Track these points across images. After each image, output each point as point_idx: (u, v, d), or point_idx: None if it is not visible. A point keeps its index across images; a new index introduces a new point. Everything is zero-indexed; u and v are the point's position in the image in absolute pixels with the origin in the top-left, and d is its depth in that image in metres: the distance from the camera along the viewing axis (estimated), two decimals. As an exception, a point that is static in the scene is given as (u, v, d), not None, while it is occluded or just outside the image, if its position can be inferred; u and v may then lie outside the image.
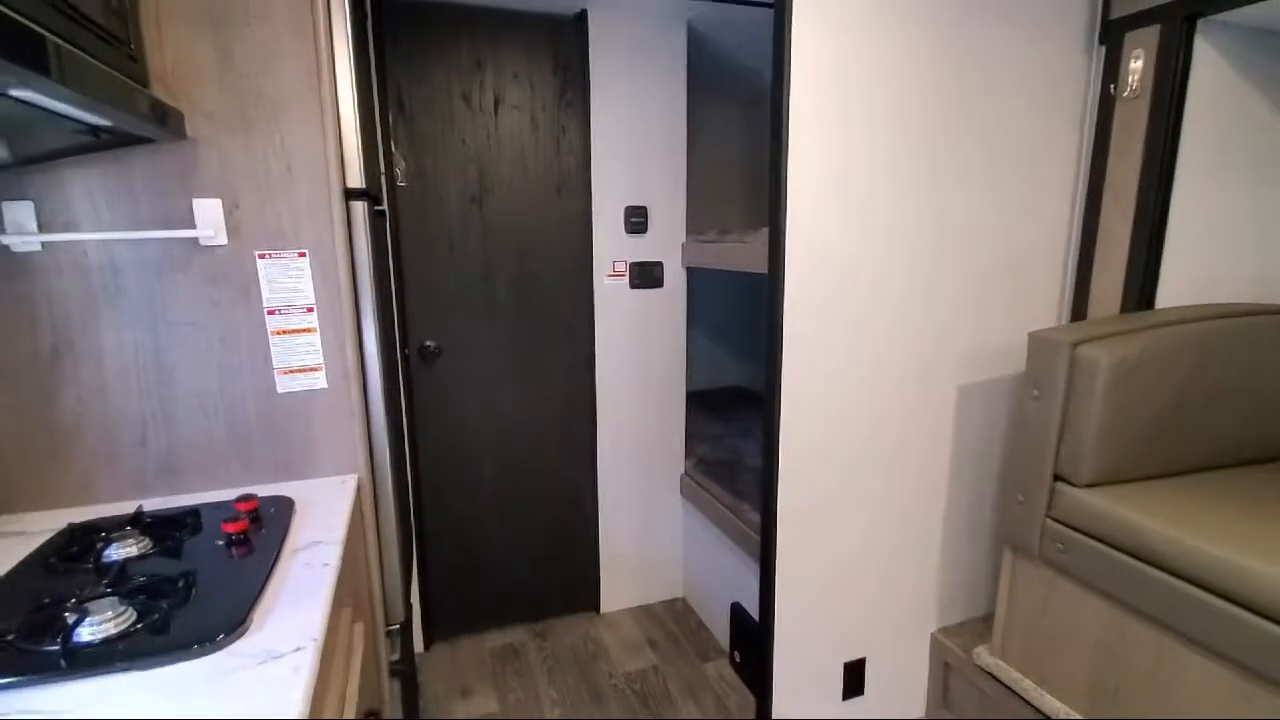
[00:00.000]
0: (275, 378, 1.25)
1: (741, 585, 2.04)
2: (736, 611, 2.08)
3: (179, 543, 1.01)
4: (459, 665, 2.15)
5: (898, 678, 1.82)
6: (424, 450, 2.14)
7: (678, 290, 2.31)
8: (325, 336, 1.27)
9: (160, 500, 1.19)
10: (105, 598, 0.82)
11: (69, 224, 1.10)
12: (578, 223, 2.17)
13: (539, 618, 2.39)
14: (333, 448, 1.31)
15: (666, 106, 2.18)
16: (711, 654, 2.19)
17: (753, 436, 2.49)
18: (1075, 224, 1.70)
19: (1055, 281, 1.74)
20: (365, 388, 1.33)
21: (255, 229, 1.19)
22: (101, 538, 1.00)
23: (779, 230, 1.47)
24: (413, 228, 2.01)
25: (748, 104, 2.88)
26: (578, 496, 2.35)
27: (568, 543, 2.37)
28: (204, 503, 1.15)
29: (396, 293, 1.99)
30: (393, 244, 1.96)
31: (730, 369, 3.36)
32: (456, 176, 2.03)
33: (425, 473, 2.15)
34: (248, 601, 0.84)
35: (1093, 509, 1.36)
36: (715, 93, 2.81)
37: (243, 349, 1.22)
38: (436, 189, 2.02)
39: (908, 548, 1.75)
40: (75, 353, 1.14)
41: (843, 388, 1.58)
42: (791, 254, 1.48)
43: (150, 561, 0.96)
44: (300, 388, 1.27)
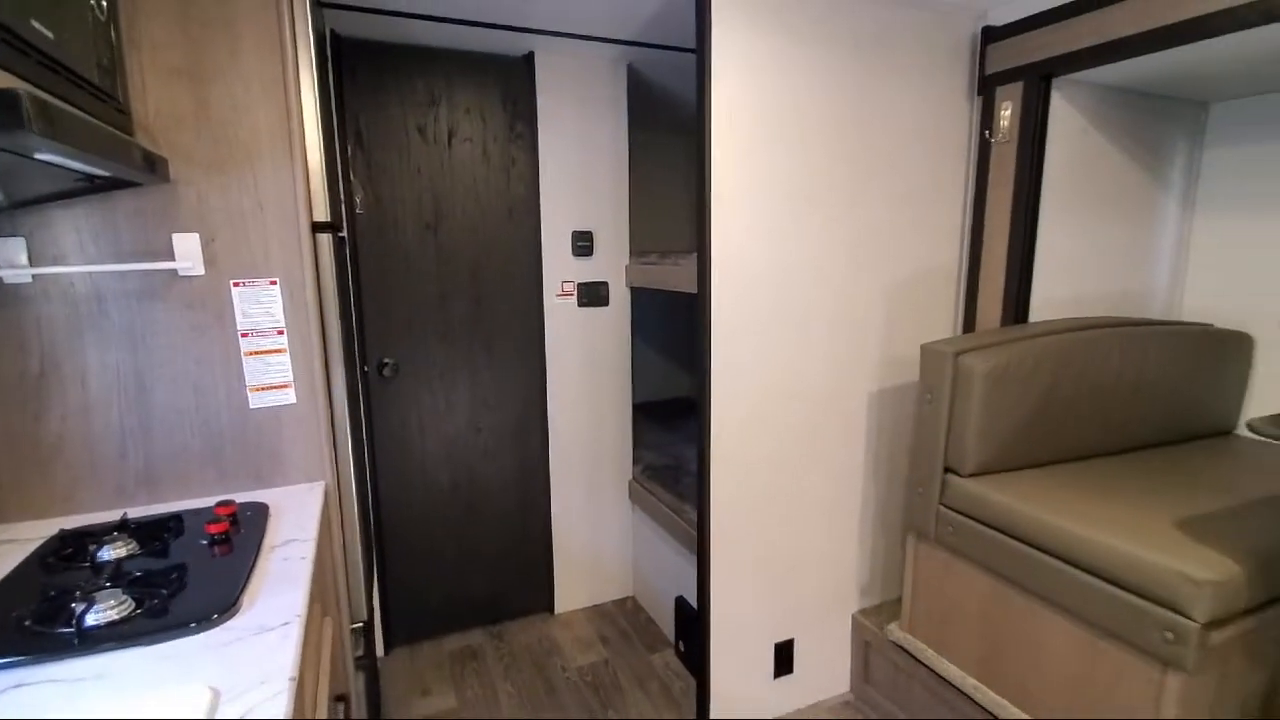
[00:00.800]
0: (248, 394, 1.37)
1: (685, 580, 2.21)
2: (680, 604, 2.25)
3: (165, 544, 1.13)
4: (418, 667, 2.25)
5: (823, 656, 2.02)
6: (382, 463, 2.25)
7: (622, 308, 2.49)
8: (294, 356, 1.40)
9: (141, 508, 1.29)
10: (106, 589, 0.94)
11: (57, 257, 1.21)
12: (528, 246, 2.33)
13: (495, 620, 2.51)
14: (302, 457, 1.43)
15: (609, 138, 2.37)
16: (659, 646, 2.35)
17: (695, 443, 2.67)
18: (964, 249, 1.95)
19: (950, 299, 1.99)
20: (331, 402, 1.46)
21: (230, 260, 1.32)
22: (93, 541, 1.10)
23: (705, 255, 1.66)
24: (371, 252, 2.14)
25: (689, 133, 3.10)
26: (531, 504, 2.49)
27: (522, 548, 2.50)
28: (184, 509, 1.26)
29: (355, 313, 2.11)
30: (352, 268, 2.09)
31: (677, 381, 3.57)
32: (412, 204, 2.17)
33: (383, 484, 2.26)
34: (236, 588, 0.97)
35: (974, 495, 1.58)
36: (658, 123, 3.02)
37: (217, 369, 1.34)
38: (393, 216, 2.16)
39: (829, 539, 1.95)
40: (61, 374, 1.24)
41: (767, 397, 1.78)
42: (718, 276, 1.67)
43: (141, 560, 1.07)
44: (271, 403, 1.39)
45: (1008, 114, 1.77)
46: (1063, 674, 1.42)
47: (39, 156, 0.83)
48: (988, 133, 1.83)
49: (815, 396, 1.85)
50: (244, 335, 1.35)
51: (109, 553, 1.08)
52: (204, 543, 1.12)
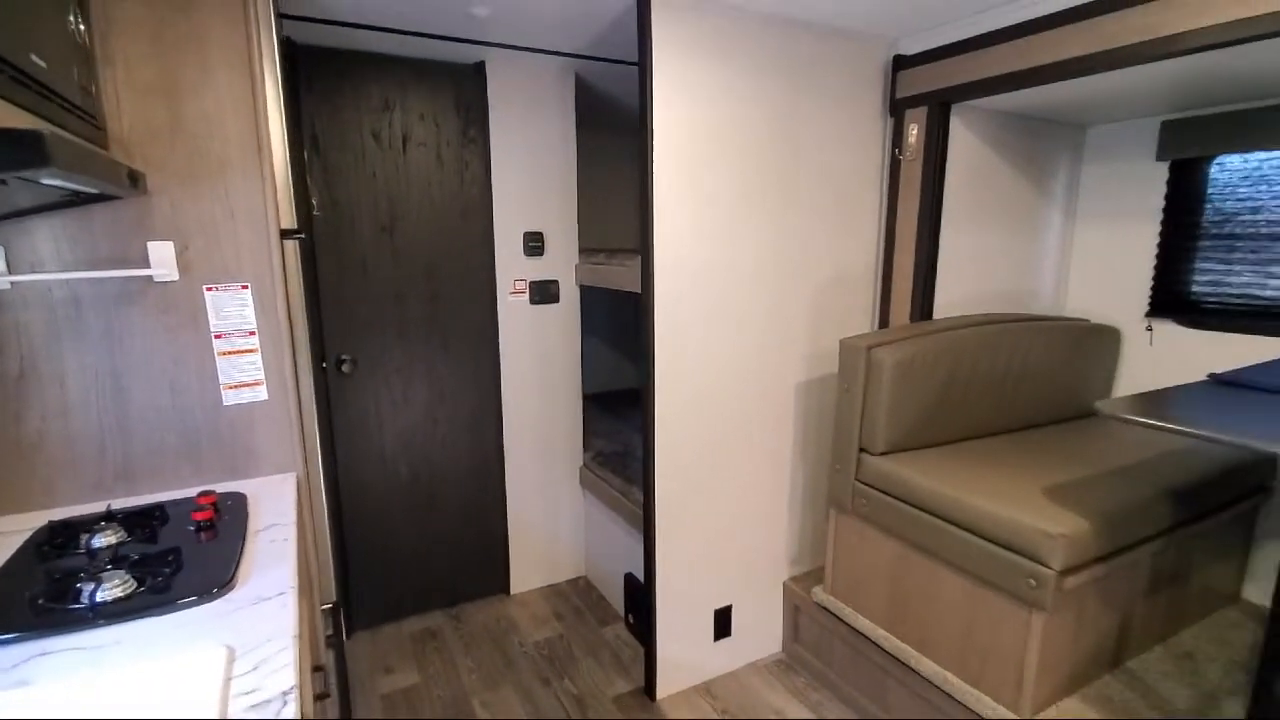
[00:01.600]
0: (222, 392, 1.46)
1: (633, 558, 2.39)
2: (629, 580, 2.42)
3: (154, 531, 1.22)
4: (381, 649, 2.36)
5: (758, 620, 2.23)
6: (342, 455, 2.33)
7: (572, 305, 2.63)
8: (265, 355, 1.49)
9: (120, 501, 1.37)
10: (109, 570, 1.04)
11: (35, 265, 1.27)
12: (481, 247, 2.44)
13: (454, 603, 2.63)
14: (273, 451, 1.53)
15: (559, 144, 2.50)
16: (610, 620, 2.53)
17: (641, 431, 2.84)
18: (879, 254, 2.18)
19: (868, 298, 2.22)
20: (299, 398, 1.56)
21: (203, 266, 1.40)
22: (83, 530, 1.19)
23: (649, 257, 1.83)
24: (328, 252, 2.21)
25: (633, 134, 3.24)
26: (487, 491, 2.61)
27: (479, 533, 2.63)
28: (164, 500, 1.35)
29: (315, 311, 2.18)
30: (310, 267, 2.16)
31: (626, 373, 3.74)
32: (368, 206, 2.25)
33: (344, 476, 2.35)
34: (230, 567, 1.08)
35: (884, 471, 1.81)
36: (607, 126, 3.15)
37: (192, 368, 1.43)
38: (350, 218, 2.23)
39: (763, 514, 2.17)
40: (40, 376, 1.30)
41: (706, 387, 1.97)
42: (660, 277, 1.84)
43: (133, 546, 1.17)
44: (244, 400, 1.48)
45: (914, 134, 2.00)
46: (954, 620, 1.66)
47: (45, 181, 0.92)
48: (897, 150, 2.05)
49: (749, 387, 2.05)
50: (217, 337, 1.44)
51: (101, 540, 1.17)
52: (191, 529, 1.22)
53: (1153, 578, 1.71)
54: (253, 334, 1.47)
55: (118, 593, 1.00)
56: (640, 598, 2.28)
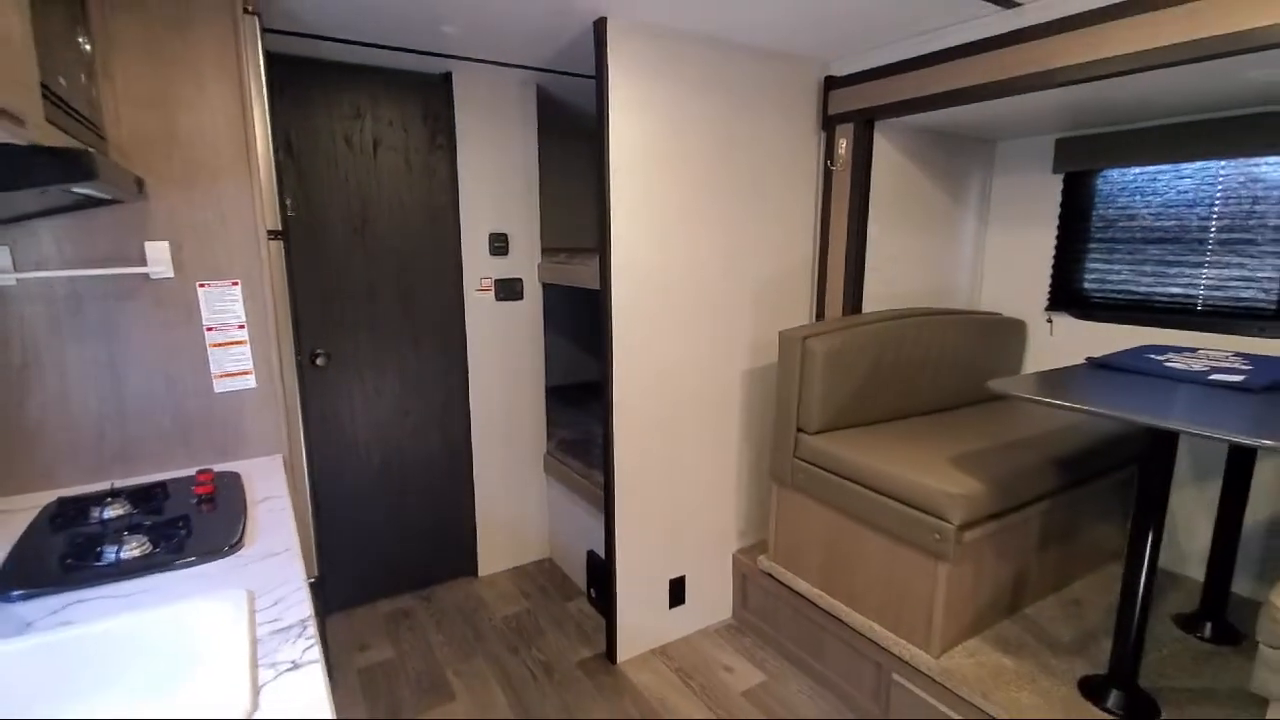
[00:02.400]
0: (213, 380, 1.58)
1: (594, 537, 2.57)
2: (591, 557, 2.60)
3: (159, 504, 1.35)
4: (355, 629, 2.48)
5: (709, 588, 2.44)
6: (318, 445, 2.44)
7: (535, 302, 2.79)
8: (254, 346, 1.62)
9: (120, 481, 1.48)
10: (126, 534, 1.17)
11: (39, 263, 1.38)
12: (449, 247, 2.58)
13: (425, 585, 2.77)
14: (261, 434, 1.66)
15: (522, 150, 2.66)
16: (573, 595, 2.70)
17: (601, 420, 3.02)
18: (815, 255, 2.41)
19: (805, 294, 2.45)
20: (284, 386, 1.69)
21: (197, 265, 1.53)
22: (92, 504, 1.30)
23: (606, 258, 2.01)
24: (302, 251, 2.33)
25: (591, 137, 3.42)
26: (455, 478, 2.75)
27: (447, 518, 2.77)
28: (164, 479, 1.47)
29: (291, 307, 2.29)
30: (286, 265, 2.27)
31: (586, 367, 3.91)
32: (341, 208, 2.38)
33: (318, 465, 2.46)
34: (237, 530, 1.22)
35: (818, 448, 2.04)
36: (568, 131, 3.32)
37: (186, 359, 1.55)
38: (323, 219, 2.35)
39: (713, 491, 2.37)
40: (42, 365, 1.41)
41: (660, 377, 2.16)
42: (617, 276, 2.02)
43: (141, 516, 1.29)
44: (234, 388, 1.61)
45: (844, 147, 2.24)
46: (877, 575, 1.90)
47: (77, 190, 1.04)
48: (829, 162, 2.29)
49: (699, 375, 2.25)
50: (209, 329, 1.56)
51: (110, 512, 1.29)
52: (194, 501, 1.35)
53: (1044, 535, 1.97)
54: (242, 327, 1.60)
55: (137, 552, 1.13)
56: (601, 572, 2.47)
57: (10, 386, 1.39)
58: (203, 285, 1.54)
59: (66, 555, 1.11)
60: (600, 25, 1.88)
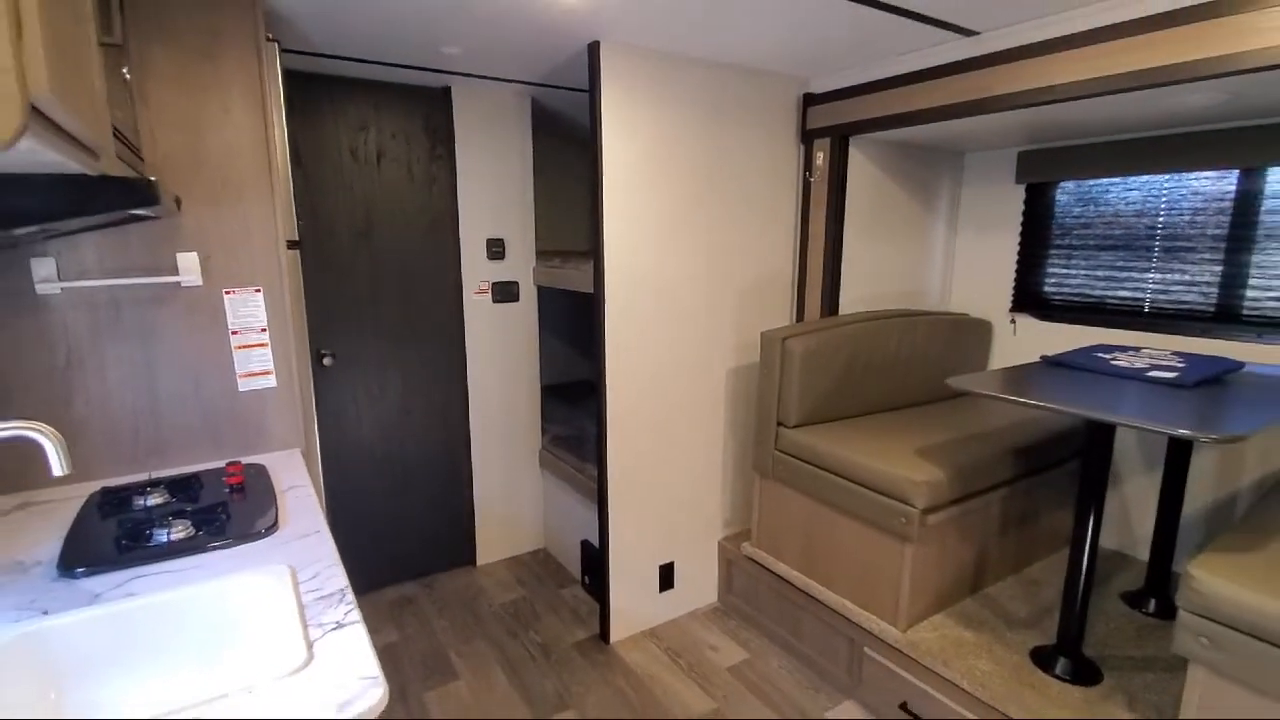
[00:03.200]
0: (238, 380, 1.71)
1: (588, 527, 2.72)
2: (585, 546, 2.75)
3: (195, 493, 1.48)
4: (361, 615, 2.61)
5: (697, 574, 2.60)
6: (324, 441, 2.57)
7: (531, 304, 2.93)
8: (274, 349, 1.75)
9: (155, 473, 1.61)
10: (171, 519, 1.30)
11: (82, 273, 1.50)
12: (448, 252, 2.71)
13: (426, 574, 2.90)
14: (281, 429, 1.79)
15: (518, 160, 2.79)
16: (568, 583, 2.85)
17: (594, 417, 3.17)
18: (795, 260, 2.57)
19: (786, 297, 2.60)
20: (300, 385, 1.82)
21: (223, 273, 1.65)
22: (134, 493, 1.43)
23: (600, 263, 2.15)
24: (310, 256, 2.45)
25: (583, 144, 3.56)
26: (455, 473, 2.89)
27: (448, 511, 2.91)
28: (195, 470, 1.60)
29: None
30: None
31: (579, 366, 4.05)
32: (346, 216, 2.50)
33: (326, 459, 2.59)
34: (272, 514, 1.36)
35: (797, 441, 2.20)
36: (561, 138, 3.45)
37: (213, 360, 1.67)
38: (330, 226, 2.48)
39: (700, 482, 2.53)
40: (84, 367, 1.54)
41: (649, 374, 2.31)
42: (610, 280, 2.17)
43: (180, 504, 1.42)
44: (256, 387, 1.74)
45: (821, 160, 2.39)
46: (851, 558, 2.06)
47: (133, 211, 1.17)
48: (808, 173, 2.44)
49: (686, 374, 2.40)
50: (234, 333, 1.69)
51: (152, 500, 1.42)
52: (226, 490, 1.48)
53: (1003, 520, 2.15)
54: (264, 330, 1.73)
55: (183, 535, 1.27)
56: (595, 559, 2.62)
57: (56, 386, 1.52)
58: (228, 292, 1.67)
59: (120, 537, 1.25)
60: (594, 49, 2.02)
